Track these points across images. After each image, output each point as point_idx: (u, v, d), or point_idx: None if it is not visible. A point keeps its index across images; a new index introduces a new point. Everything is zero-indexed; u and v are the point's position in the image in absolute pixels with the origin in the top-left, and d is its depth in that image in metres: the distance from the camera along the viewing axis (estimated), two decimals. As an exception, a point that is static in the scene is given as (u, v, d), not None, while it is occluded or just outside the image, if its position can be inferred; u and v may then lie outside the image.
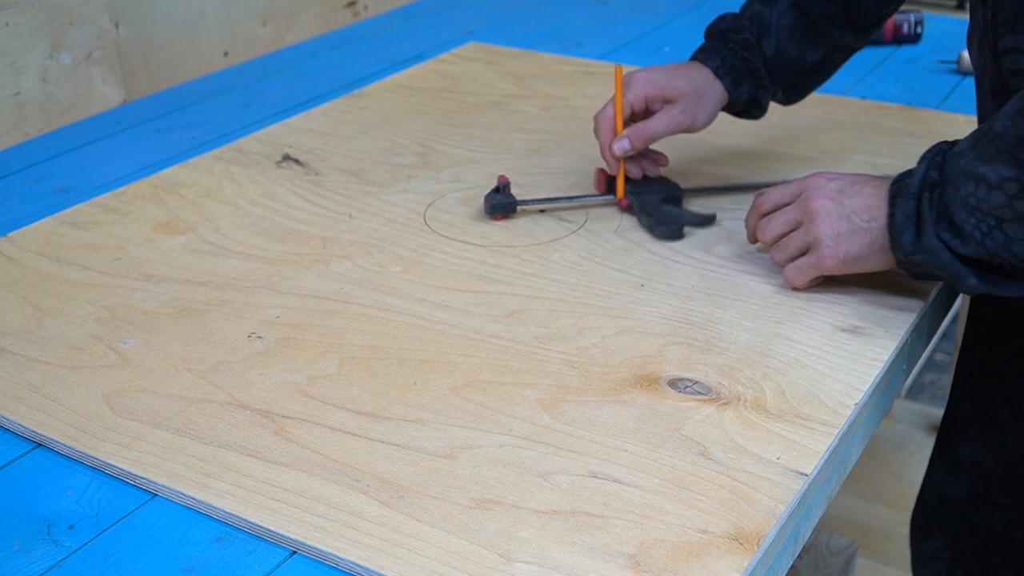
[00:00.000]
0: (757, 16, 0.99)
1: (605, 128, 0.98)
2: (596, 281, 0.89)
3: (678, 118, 0.97)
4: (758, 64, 0.99)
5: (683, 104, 0.97)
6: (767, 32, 0.99)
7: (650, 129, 0.96)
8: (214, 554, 0.63)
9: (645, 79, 0.97)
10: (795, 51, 0.99)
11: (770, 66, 1.00)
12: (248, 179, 1.10)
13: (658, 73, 0.98)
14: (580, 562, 0.60)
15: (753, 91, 1.00)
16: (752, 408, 0.72)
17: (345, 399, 0.74)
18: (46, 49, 1.26)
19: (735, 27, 1.00)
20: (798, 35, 0.99)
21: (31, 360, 0.80)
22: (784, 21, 0.98)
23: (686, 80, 0.97)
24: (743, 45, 0.99)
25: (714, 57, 0.99)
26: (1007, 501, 1.04)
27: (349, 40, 1.57)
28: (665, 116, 0.97)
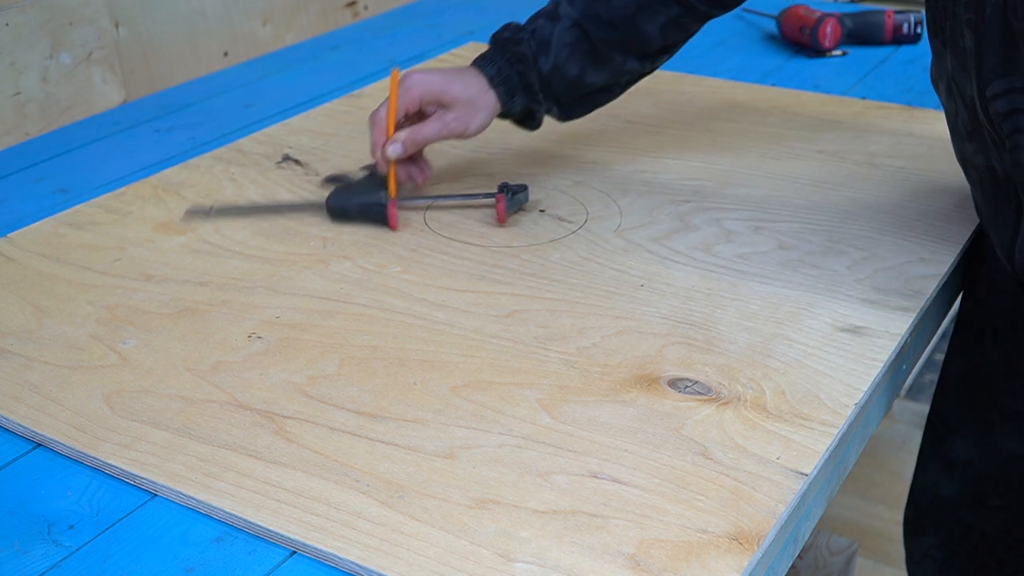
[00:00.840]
0: (539, 30, 0.98)
1: (378, 128, 0.97)
2: (596, 281, 0.89)
3: (451, 124, 0.97)
4: (532, 79, 0.98)
5: (457, 111, 0.97)
6: (546, 48, 0.97)
7: (422, 134, 0.97)
8: (214, 554, 0.63)
9: (421, 81, 0.97)
10: (574, 70, 0.98)
11: (545, 82, 0.98)
12: (248, 179, 1.10)
13: (435, 76, 0.97)
14: (580, 562, 0.60)
15: (526, 104, 0.99)
16: (752, 408, 0.72)
17: (345, 399, 0.74)
18: (46, 49, 1.26)
19: (515, 38, 0.98)
20: (578, 55, 0.98)
21: (31, 360, 0.80)
22: (565, 40, 0.97)
23: (461, 86, 0.97)
24: (519, 58, 0.98)
25: (491, 66, 0.98)
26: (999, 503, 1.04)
27: (349, 40, 1.57)
28: (438, 122, 0.97)
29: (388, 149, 0.96)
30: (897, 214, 0.98)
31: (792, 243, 0.93)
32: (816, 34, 1.42)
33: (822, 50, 1.43)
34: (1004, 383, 0.99)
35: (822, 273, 0.88)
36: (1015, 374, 0.98)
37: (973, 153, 0.83)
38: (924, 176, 1.05)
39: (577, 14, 0.97)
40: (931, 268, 0.88)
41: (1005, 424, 1.00)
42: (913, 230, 0.95)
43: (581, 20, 0.97)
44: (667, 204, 1.01)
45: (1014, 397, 0.98)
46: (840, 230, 0.95)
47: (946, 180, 1.03)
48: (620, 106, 1.26)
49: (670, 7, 0.97)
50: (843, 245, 0.93)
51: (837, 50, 1.44)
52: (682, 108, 1.25)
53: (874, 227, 0.96)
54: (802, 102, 1.26)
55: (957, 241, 0.93)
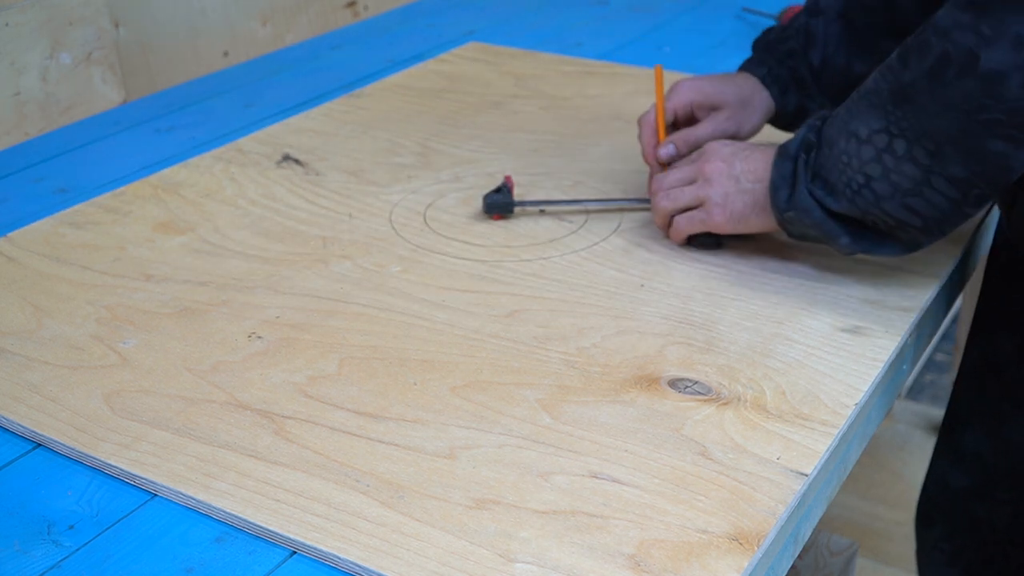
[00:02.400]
0: (804, 27, 0.99)
1: (648, 131, 0.98)
2: (596, 281, 0.89)
3: (724, 125, 0.97)
4: (804, 73, 0.99)
5: (729, 112, 0.97)
6: (813, 42, 0.98)
7: (695, 135, 0.96)
8: (214, 554, 0.63)
9: (692, 86, 0.98)
10: (842, 60, 0.99)
11: (817, 76, 0.99)
12: (248, 179, 1.10)
13: (704, 81, 0.98)
14: (580, 562, 0.60)
15: (800, 101, 1.00)
16: (752, 408, 0.72)
17: (345, 399, 0.75)
18: (46, 49, 1.26)
19: (781, 37, 1.00)
20: (845, 45, 0.98)
21: (31, 360, 0.80)
22: (831, 31, 0.98)
23: (732, 88, 0.98)
24: (789, 54, 0.99)
25: (761, 67, 0.99)
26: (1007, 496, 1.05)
27: (349, 40, 1.57)
28: (711, 123, 0.97)
29: (661, 151, 0.96)
30: (897, 214, 0.98)
31: (792, 243, 0.93)
32: (816, 34, 1.41)
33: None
34: (1017, 374, 0.99)
35: (822, 273, 0.88)
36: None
37: None
38: (924, 176, 1.05)
39: (839, 5, 0.98)
40: (931, 268, 0.88)
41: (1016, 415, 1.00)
42: (913, 230, 0.95)
43: (845, 11, 0.98)
44: (667, 204, 1.01)
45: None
46: (840, 230, 0.95)
47: (946, 180, 1.03)
48: (620, 106, 1.26)
49: None
50: (843, 245, 0.93)
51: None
52: (682, 108, 1.25)
53: (874, 227, 0.95)
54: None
55: (958, 241, 0.93)
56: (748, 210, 0.86)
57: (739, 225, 0.87)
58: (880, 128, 0.74)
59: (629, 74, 1.36)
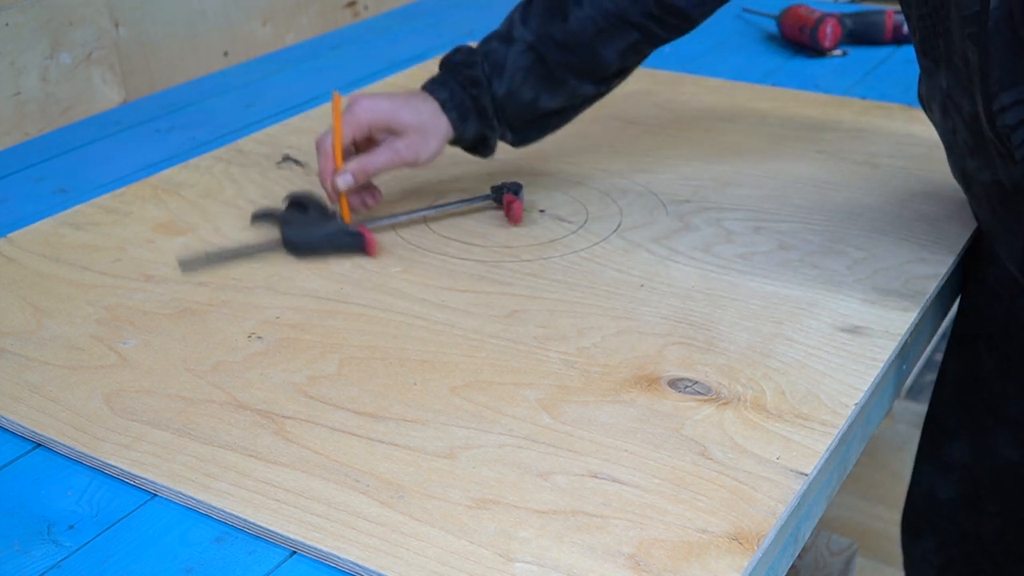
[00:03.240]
0: (492, 53, 0.95)
1: (325, 157, 0.94)
2: (596, 281, 0.89)
3: (402, 153, 0.94)
4: (486, 103, 0.95)
5: (407, 139, 0.94)
6: (500, 72, 0.95)
7: (373, 164, 0.94)
8: (214, 554, 0.63)
9: (370, 107, 0.93)
10: (529, 94, 0.96)
11: (499, 106, 0.96)
12: (248, 179, 1.10)
13: (383, 102, 0.94)
14: (580, 562, 0.60)
15: (480, 130, 0.97)
16: (752, 408, 0.72)
17: (345, 399, 0.74)
18: (46, 49, 1.26)
19: (468, 61, 0.96)
20: (533, 79, 0.95)
21: (31, 360, 0.80)
22: (520, 63, 0.95)
23: (412, 112, 0.94)
24: (473, 81, 0.95)
25: (443, 90, 0.95)
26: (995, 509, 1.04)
27: (349, 40, 1.57)
28: (389, 151, 0.94)
29: (338, 180, 0.93)
30: (897, 214, 0.98)
31: (792, 243, 0.93)
32: (816, 34, 1.42)
33: (822, 50, 1.43)
34: (999, 388, 0.99)
35: (822, 273, 0.88)
36: (1009, 379, 0.98)
37: (977, 169, 0.82)
38: (924, 176, 1.05)
39: (531, 37, 0.95)
40: (931, 268, 0.88)
41: (999, 429, 1.00)
42: (913, 230, 0.95)
43: (536, 43, 0.95)
44: (667, 204, 1.01)
45: (1008, 402, 0.98)
46: (840, 230, 0.95)
47: (946, 180, 1.03)
48: (620, 106, 1.26)
49: (630, 33, 0.94)
50: (843, 245, 0.93)
51: (837, 50, 1.44)
52: (682, 108, 1.25)
53: (874, 227, 0.96)
54: (802, 102, 1.26)
55: (957, 241, 0.93)
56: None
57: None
58: None
59: (629, 74, 1.36)
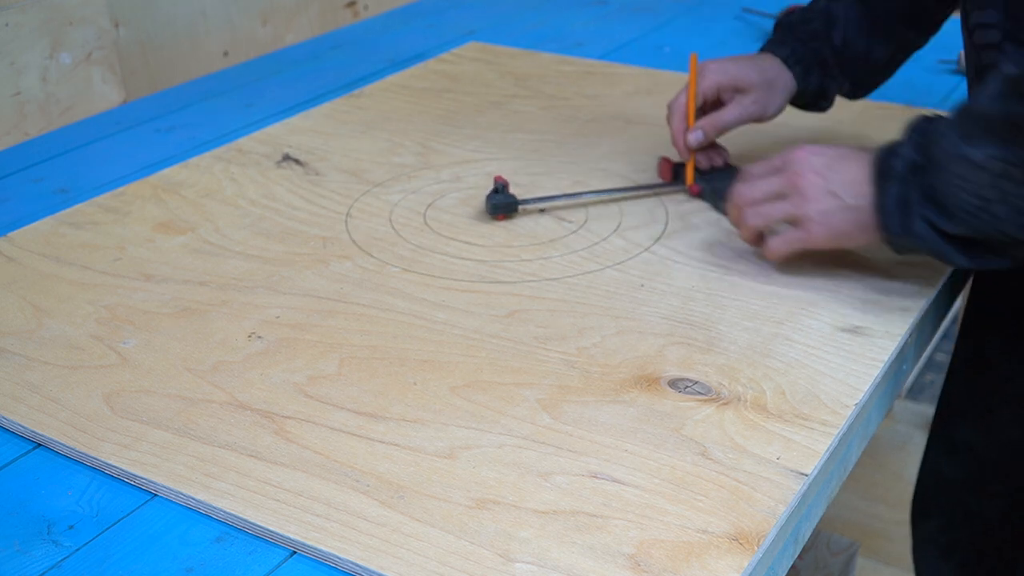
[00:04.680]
0: (825, 9, 1.01)
1: (678, 117, 0.99)
2: (596, 281, 0.89)
3: (750, 108, 0.98)
4: (826, 54, 1.00)
5: (755, 94, 0.98)
6: (835, 24, 1.00)
7: (723, 120, 0.99)
8: (214, 554, 0.63)
9: (718, 69, 0.99)
10: (862, 44, 1.00)
11: (839, 56, 1.01)
12: (248, 179, 1.10)
13: (730, 63, 0.99)
14: (580, 562, 0.60)
15: (821, 81, 1.01)
16: (752, 408, 0.72)
17: (345, 399, 0.74)
18: (46, 49, 1.26)
19: (804, 19, 1.02)
20: (865, 29, 1.00)
21: (31, 360, 0.80)
22: (851, 14, 1.00)
23: (757, 70, 0.99)
24: (812, 35, 1.00)
25: (784, 47, 1.00)
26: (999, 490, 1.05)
27: (349, 40, 1.57)
28: (737, 107, 0.99)
29: (691, 137, 0.98)
30: (897, 214, 0.98)
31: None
32: (816, 34, 1.41)
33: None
34: (1006, 370, 0.99)
35: (822, 273, 0.88)
36: (1015, 361, 0.98)
37: None
38: (924, 176, 1.05)
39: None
40: (931, 268, 0.88)
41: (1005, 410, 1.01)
42: (913, 230, 0.95)
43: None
44: (667, 204, 1.01)
45: (1014, 383, 0.99)
46: (840, 230, 0.95)
47: (946, 180, 1.03)
48: (620, 106, 1.26)
49: None
50: (843, 245, 0.93)
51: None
52: (682, 108, 1.25)
53: (874, 227, 0.95)
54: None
55: (957, 241, 0.93)
56: (851, 228, 0.81)
57: (839, 242, 0.83)
58: (997, 156, 0.72)
59: (629, 74, 1.36)
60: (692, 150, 0.99)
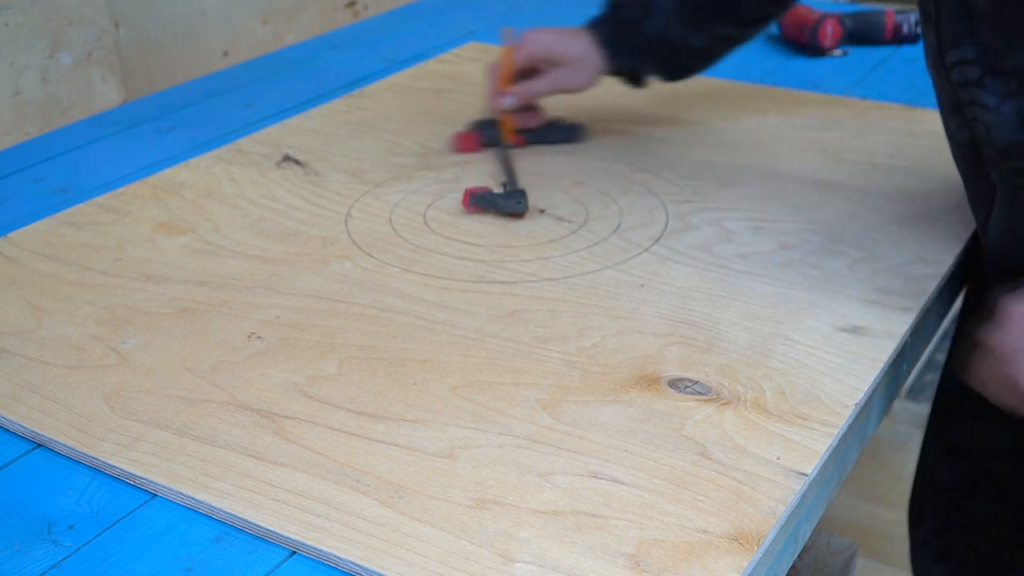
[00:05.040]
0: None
1: (492, 78, 1.09)
2: (596, 281, 0.89)
3: (561, 80, 1.08)
4: (638, 41, 1.06)
5: (566, 69, 1.07)
6: (651, 12, 1.04)
7: (534, 89, 1.09)
8: (214, 554, 0.63)
9: (535, 39, 1.07)
10: (677, 34, 1.05)
11: (651, 45, 1.06)
12: (248, 179, 1.10)
13: (547, 35, 1.08)
14: (580, 562, 0.60)
15: (632, 65, 1.08)
16: (752, 408, 0.72)
17: (345, 399, 0.74)
18: (46, 49, 1.26)
19: (625, 3, 1.07)
20: (679, 18, 1.04)
21: (31, 360, 0.80)
22: (668, 5, 1.04)
23: (572, 45, 1.07)
24: (626, 21, 1.06)
25: (603, 27, 1.06)
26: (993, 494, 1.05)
27: (349, 40, 1.57)
28: (549, 78, 1.08)
29: (503, 100, 1.09)
30: (897, 214, 0.98)
31: (792, 243, 0.93)
32: (816, 34, 1.42)
33: (822, 50, 1.43)
34: None
35: (822, 273, 0.88)
36: None
37: (956, 130, 0.84)
38: (924, 176, 1.05)
39: None
40: (931, 268, 0.88)
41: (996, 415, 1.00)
42: (913, 230, 0.95)
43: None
44: (667, 204, 1.01)
45: None
46: (840, 230, 0.95)
47: (946, 180, 1.03)
48: (620, 106, 1.26)
49: None
50: (843, 245, 0.93)
51: (837, 50, 1.44)
52: (682, 108, 1.25)
53: (874, 227, 0.96)
54: (802, 102, 1.26)
55: (957, 241, 0.93)
56: None
57: None
58: None
59: (629, 74, 1.36)
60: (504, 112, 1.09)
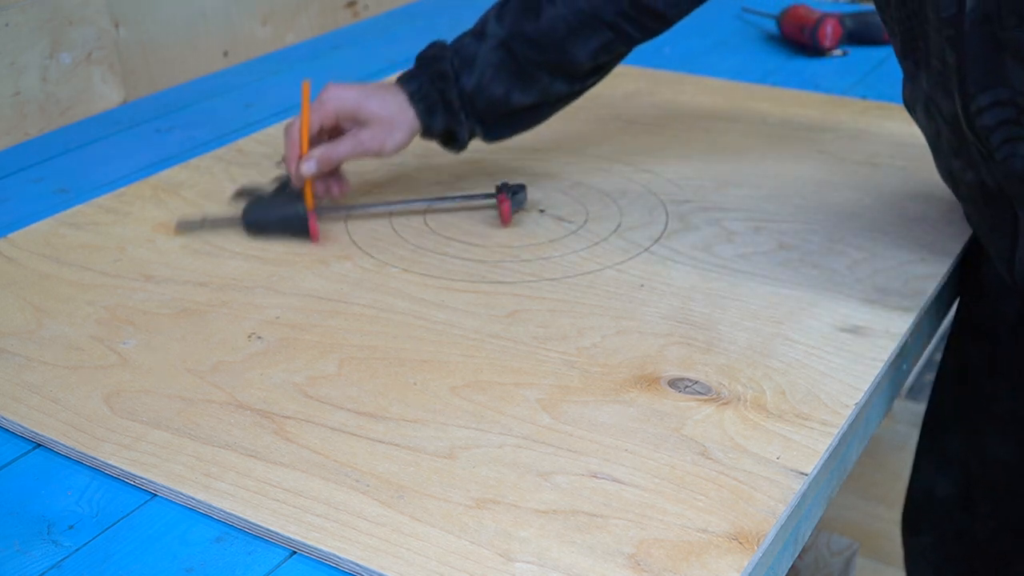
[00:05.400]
0: (463, 48, 0.96)
1: (291, 143, 0.95)
2: (596, 281, 0.89)
3: (365, 143, 0.95)
4: (452, 97, 0.96)
5: (373, 129, 0.95)
6: (470, 66, 0.95)
7: (337, 153, 0.95)
8: (214, 554, 0.63)
9: (337, 96, 0.95)
10: (500, 90, 0.96)
11: (467, 101, 0.96)
12: (248, 179, 1.09)
13: (352, 92, 0.95)
14: (580, 562, 0.60)
15: (447, 123, 0.97)
16: (752, 408, 0.72)
17: (345, 399, 0.74)
18: (46, 49, 1.26)
19: (438, 56, 0.97)
20: (504, 74, 0.96)
21: (31, 360, 0.80)
22: (491, 60, 0.95)
23: (378, 103, 0.95)
24: (441, 75, 0.96)
25: (413, 83, 0.96)
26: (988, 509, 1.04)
27: (349, 40, 1.57)
28: (353, 140, 0.95)
29: (303, 167, 0.94)
30: (897, 214, 0.98)
31: (792, 243, 0.93)
32: (816, 34, 1.42)
33: (822, 50, 1.43)
34: (989, 386, 0.99)
35: (822, 273, 0.88)
36: (998, 378, 0.98)
37: (961, 170, 0.82)
38: (924, 176, 1.05)
39: (504, 33, 0.95)
40: (931, 268, 0.88)
41: (991, 427, 1.00)
42: (913, 230, 0.95)
43: (508, 39, 0.95)
44: (667, 204, 1.02)
45: (998, 401, 0.98)
46: (840, 230, 0.95)
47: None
48: (620, 106, 1.26)
49: (603, 32, 0.94)
50: (843, 245, 0.93)
51: (837, 50, 1.44)
52: (682, 108, 1.25)
53: (874, 227, 0.96)
54: (802, 102, 1.26)
55: (957, 241, 0.93)
56: None
57: None
58: None
59: (629, 74, 1.36)
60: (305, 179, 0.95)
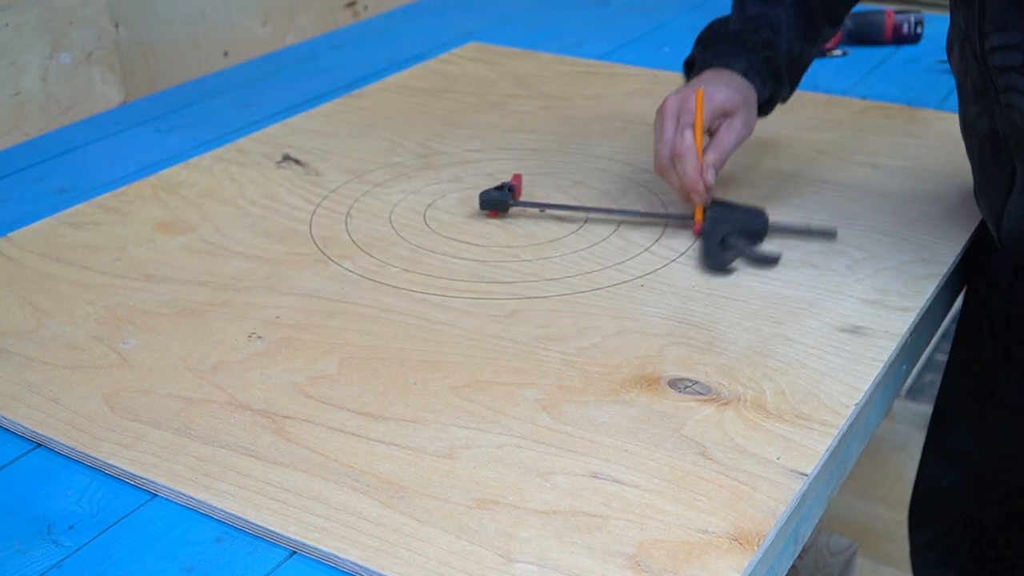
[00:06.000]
0: (765, 16, 0.98)
1: (692, 160, 0.91)
2: (596, 281, 0.89)
3: (742, 131, 0.95)
4: (780, 62, 0.98)
5: (741, 115, 0.95)
6: (779, 31, 0.98)
7: (725, 149, 0.94)
8: (214, 554, 0.63)
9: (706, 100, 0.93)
10: (798, 48, 1.00)
11: (786, 64, 0.99)
12: (248, 179, 1.10)
13: (712, 89, 0.94)
14: (580, 562, 0.60)
15: (772, 90, 0.99)
16: (752, 408, 0.72)
17: (345, 399, 0.74)
18: (46, 49, 1.26)
19: (750, 28, 0.98)
20: (799, 31, 0.99)
21: (31, 360, 0.80)
22: (790, 19, 0.99)
23: (733, 91, 0.94)
24: (764, 45, 0.97)
25: (738, 60, 0.96)
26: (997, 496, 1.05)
27: (349, 40, 1.57)
28: (732, 132, 0.94)
29: (709, 177, 0.92)
30: (897, 214, 0.98)
31: (792, 243, 0.93)
32: (816, 34, 1.42)
33: (822, 50, 1.43)
34: (1000, 377, 0.99)
35: (822, 273, 0.88)
36: (1010, 367, 0.98)
37: (977, 116, 0.84)
38: (924, 176, 1.05)
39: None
40: (931, 268, 0.88)
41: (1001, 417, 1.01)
42: (913, 230, 0.95)
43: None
44: (667, 204, 1.01)
45: (1009, 390, 0.99)
46: (840, 230, 0.95)
47: (946, 180, 1.03)
48: (620, 106, 1.26)
49: None
50: (843, 245, 0.93)
51: (837, 50, 1.44)
52: (682, 108, 1.25)
53: (874, 227, 0.96)
54: (802, 102, 1.26)
55: (957, 241, 0.93)
56: None
57: None
58: None
59: (629, 74, 1.36)
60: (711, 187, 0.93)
